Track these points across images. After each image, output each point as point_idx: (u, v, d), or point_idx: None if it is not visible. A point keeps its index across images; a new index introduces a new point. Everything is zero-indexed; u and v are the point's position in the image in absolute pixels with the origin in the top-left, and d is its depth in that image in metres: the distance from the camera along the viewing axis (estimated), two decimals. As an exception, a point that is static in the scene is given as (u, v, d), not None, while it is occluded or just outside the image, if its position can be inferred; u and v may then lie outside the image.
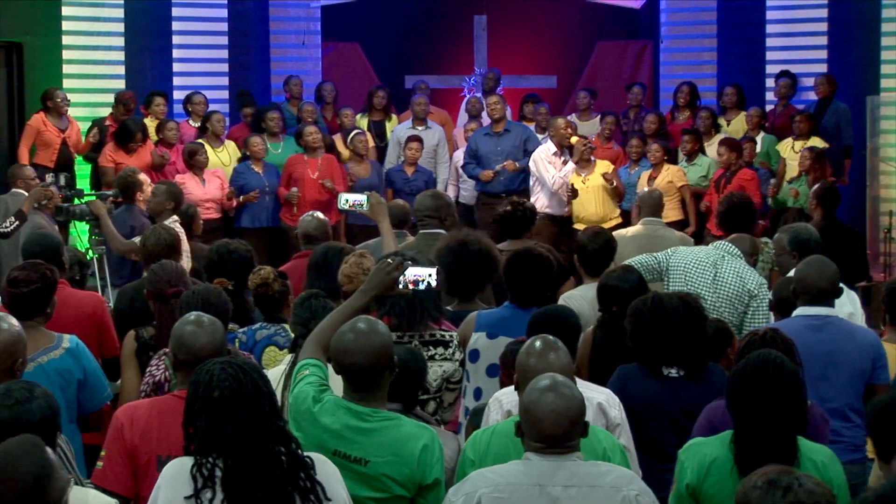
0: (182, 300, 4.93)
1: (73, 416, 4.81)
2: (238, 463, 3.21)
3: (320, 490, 3.29)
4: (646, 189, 8.38)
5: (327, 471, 3.37)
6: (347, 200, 6.35)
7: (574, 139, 10.16)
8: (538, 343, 4.03)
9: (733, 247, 6.30)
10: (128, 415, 3.95)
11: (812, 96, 12.09)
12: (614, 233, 7.67)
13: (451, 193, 11.18)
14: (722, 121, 11.82)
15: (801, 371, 4.18)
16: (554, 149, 10.21)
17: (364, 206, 6.32)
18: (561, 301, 5.97)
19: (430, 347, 4.84)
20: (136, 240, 7.68)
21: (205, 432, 3.25)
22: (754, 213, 7.51)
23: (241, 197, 10.34)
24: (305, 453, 3.35)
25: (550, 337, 4.08)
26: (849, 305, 5.98)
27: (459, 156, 11.14)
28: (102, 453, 3.91)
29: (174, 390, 4.05)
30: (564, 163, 10.15)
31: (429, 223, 6.76)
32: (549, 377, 3.57)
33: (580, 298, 5.89)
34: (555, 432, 3.46)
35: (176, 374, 4.08)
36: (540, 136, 11.15)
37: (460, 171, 11.14)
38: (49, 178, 8.64)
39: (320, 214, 7.27)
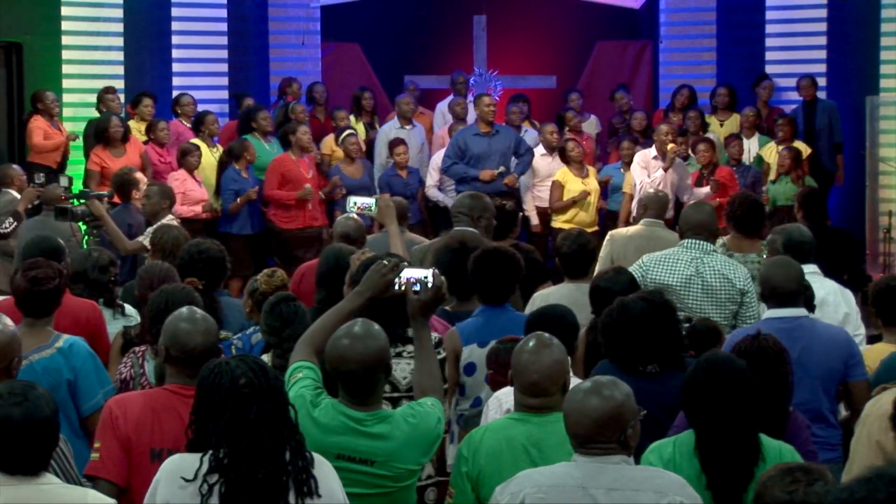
0: (150, 300, 4.94)
1: (71, 416, 4.80)
2: (250, 448, 3.23)
3: (314, 483, 3.31)
4: (651, 190, 8.34)
5: (324, 469, 3.39)
6: (356, 203, 6.33)
7: (670, 146, 10.13)
8: (532, 341, 4.03)
9: (705, 243, 6.19)
10: (121, 406, 3.93)
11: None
12: (613, 232, 7.70)
13: (432, 196, 11.02)
14: (714, 121, 11.85)
15: (790, 376, 4.18)
16: (654, 153, 10.21)
17: (373, 209, 6.31)
18: (533, 300, 5.99)
19: (399, 344, 4.62)
20: (140, 238, 7.73)
21: (229, 420, 3.26)
22: (764, 213, 7.52)
23: (239, 199, 10.28)
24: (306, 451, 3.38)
25: (546, 335, 4.08)
26: (844, 306, 5.96)
27: (439, 159, 10.85)
28: (97, 444, 3.89)
29: (166, 384, 4.03)
30: (666, 168, 10.12)
31: (462, 221, 6.72)
32: (594, 380, 3.56)
33: (548, 298, 5.89)
34: (577, 431, 3.44)
35: (165, 367, 4.06)
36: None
37: (440, 174, 10.85)
38: (40, 177, 8.64)
39: (356, 216, 7.15)
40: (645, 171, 10.19)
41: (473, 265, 5.50)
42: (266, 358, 4.86)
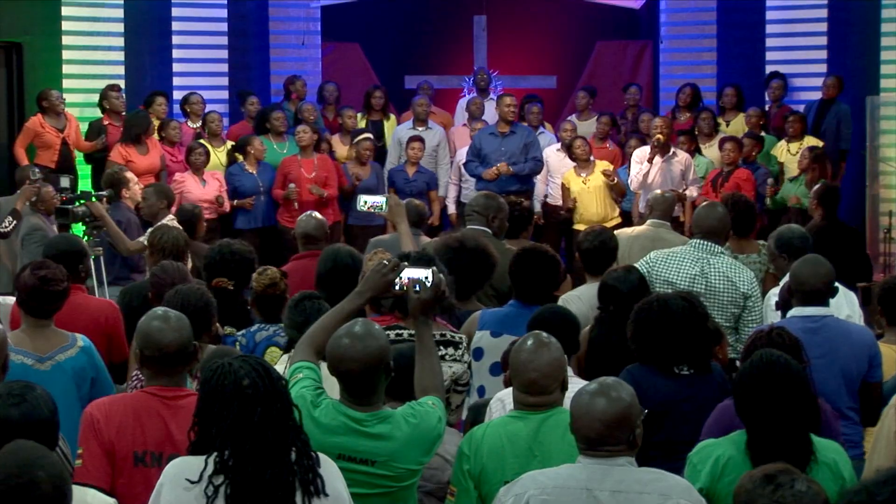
0: (165, 299, 4.95)
1: None
2: (255, 449, 3.22)
3: (320, 483, 3.31)
4: (658, 191, 8.34)
5: (329, 469, 3.40)
6: (366, 202, 6.33)
7: (656, 136, 10.12)
8: (530, 340, 4.04)
9: (714, 245, 6.20)
10: (102, 411, 3.93)
11: (808, 96, 12.11)
12: (617, 231, 7.69)
13: (451, 193, 11.23)
14: (721, 121, 11.83)
15: (809, 368, 4.18)
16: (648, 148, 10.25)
17: (383, 207, 6.31)
18: (560, 302, 5.98)
19: (441, 347, 4.74)
20: (141, 239, 7.74)
21: (233, 422, 3.24)
22: (756, 214, 7.53)
23: (236, 202, 10.33)
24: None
25: (544, 334, 4.09)
26: (846, 307, 5.95)
27: (463, 154, 11.06)
28: (80, 451, 3.89)
29: (147, 385, 4.02)
30: (651, 160, 10.12)
31: (475, 219, 6.74)
32: (599, 381, 3.55)
33: (577, 299, 5.88)
34: (587, 434, 3.43)
35: (142, 370, 4.06)
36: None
37: (462, 169, 11.08)
38: (36, 173, 8.64)
39: (318, 214, 7.27)
40: (638, 165, 10.21)
41: (513, 262, 5.54)
42: (285, 358, 4.85)
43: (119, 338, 5.74)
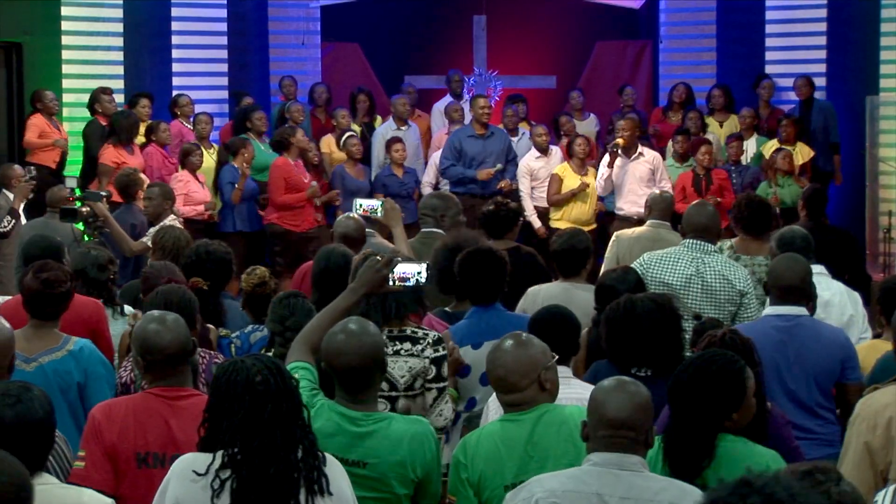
0: (147, 302, 4.95)
1: (81, 419, 4.75)
2: (263, 446, 3.23)
3: (325, 482, 3.32)
4: (656, 191, 8.33)
5: (334, 469, 3.40)
6: (361, 205, 6.35)
7: (619, 140, 10.14)
8: (508, 339, 4.00)
9: (706, 244, 6.18)
10: (105, 413, 3.92)
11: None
12: (618, 232, 7.70)
13: (427, 192, 11.12)
14: (713, 122, 11.85)
15: (760, 370, 4.11)
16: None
17: (378, 211, 6.32)
18: (526, 297, 6.00)
19: (397, 343, 4.70)
20: (144, 239, 7.74)
21: (244, 418, 3.25)
22: (772, 214, 7.50)
23: (236, 184, 10.26)
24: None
25: (524, 334, 4.06)
26: (850, 308, 5.95)
27: (438, 158, 10.98)
28: (81, 453, 3.88)
29: (150, 387, 4.01)
30: (610, 164, 10.12)
31: (427, 222, 6.87)
32: (613, 379, 3.53)
33: (538, 294, 5.92)
34: (616, 415, 3.37)
35: (145, 376, 4.04)
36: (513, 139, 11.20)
37: (438, 175, 10.99)
38: (31, 170, 8.63)
39: (355, 215, 7.20)
40: (602, 170, 10.25)
41: (459, 267, 5.50)
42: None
43: (103, 335, 5.66)
